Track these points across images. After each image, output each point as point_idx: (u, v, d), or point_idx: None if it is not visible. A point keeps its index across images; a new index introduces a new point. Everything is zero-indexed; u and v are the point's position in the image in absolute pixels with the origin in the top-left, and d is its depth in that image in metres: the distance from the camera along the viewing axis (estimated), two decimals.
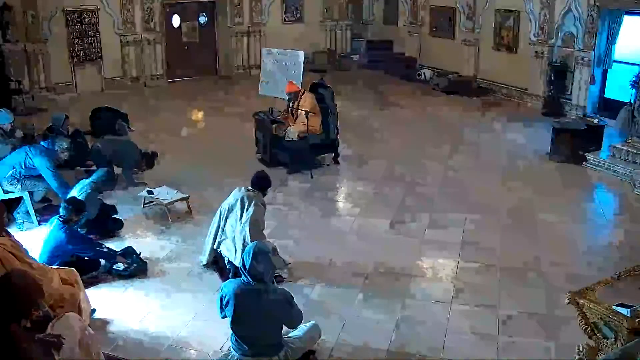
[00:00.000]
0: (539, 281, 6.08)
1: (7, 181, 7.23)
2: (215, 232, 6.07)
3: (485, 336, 5.19)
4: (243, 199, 5.91)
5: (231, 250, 5.89)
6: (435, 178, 8.90)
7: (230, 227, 5.95)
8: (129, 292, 5.89)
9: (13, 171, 7.20)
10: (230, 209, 5.96)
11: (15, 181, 7.24)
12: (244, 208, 5.87)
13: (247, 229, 5.75)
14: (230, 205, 5.99)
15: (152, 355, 4.95)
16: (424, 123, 11.88)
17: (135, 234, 7.09)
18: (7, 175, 7.20)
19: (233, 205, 5.96)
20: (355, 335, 5.20)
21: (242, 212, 5.87)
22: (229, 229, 5.96)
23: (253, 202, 5.89)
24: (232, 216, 5.94)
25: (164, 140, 10.72)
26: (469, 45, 14.72)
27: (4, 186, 7.25)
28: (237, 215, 5.89)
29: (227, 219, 5.98)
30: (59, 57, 13.73)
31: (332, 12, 17.45)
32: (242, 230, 5.79)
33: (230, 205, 5.99)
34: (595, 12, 11.49)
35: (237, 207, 5.91)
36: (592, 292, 4.09)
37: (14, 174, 7.20)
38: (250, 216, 5.80)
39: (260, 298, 4.32)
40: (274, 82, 10.73)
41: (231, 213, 5.95)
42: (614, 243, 6.95)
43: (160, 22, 14.98)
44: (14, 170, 7.20)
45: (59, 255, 5.83)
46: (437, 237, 7.04)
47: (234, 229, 5.90)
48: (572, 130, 9.61)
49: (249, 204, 5.87)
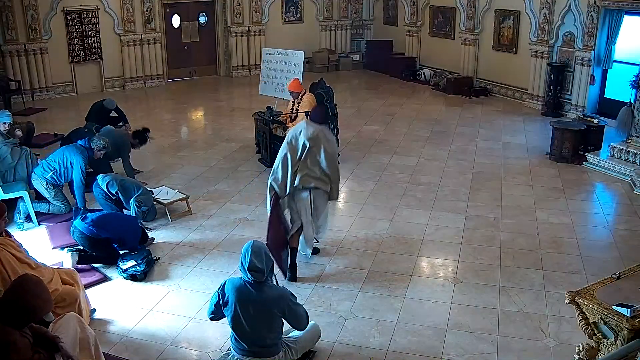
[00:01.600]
0: (538, 280, 6.08)
1: (46, 182, 7.36)
2: (291, 169, 6.03)
3: (485, 336, 5.19)
4: (317, 135, 6.02)
5: (311, 183, 6.06)
6: (435, 178, 8.90)
7: (307, 163, 6.04)
8: (129, 292, 5.90)
9: (54, 172, 7.34)
10: (304, 145, 6.00)
11: (51, 187, 7.40)
12: (320, 143, 6.01)
13: (326, 162, 6.00)
14: (303, 141, 6.02)
15: (152, 355, 4.95)
16: (423, 123, 11.88)
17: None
18: (48, 176, 7.35)
19: (306, 142, 6.00)
20: (355, 335, 5.20)
21: (319, 147, 6.01)
22: (306, 164, 6.04)
23: (325, 136, 6.11)
24: (307, 152, 6.01)
25: (164, 140, 10.74)
26: (468, 45, 14.72)
27: (38, 187, 7.39)
28: (313, 151, 6.02)
29: (302, 155, 6.03)
30: (59, 57, 13.75)
31: (332, 12, 17.46)
32: (322, 163, 6.00)
33: (303, 141, 6.01)
34: (595, 12, 11.50)
35: (310, 143, 6.00)
36: (592, 292, 4.08)
37: (55, 175, 7.34)
38: (327, 150, 6.02)
39: (261, 295, 4.32)
40: (274, 82, 10.74)
41: (306, 149, 6.00)
42: (614, 243, 6.96)
43: (160, 22, 14.99)
44: (56, 172, 7.34)
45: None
46: (437, 237, 7.05)
47: (312, 163, 6.03)
48: (572, 130, 9.61)
49: (323, 139, 6.06)
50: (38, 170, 7.44)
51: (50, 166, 7.39)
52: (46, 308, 3.76)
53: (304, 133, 6.03)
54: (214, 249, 6.74)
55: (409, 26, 16.56)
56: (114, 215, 6.82)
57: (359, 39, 18.17)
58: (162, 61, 15.27)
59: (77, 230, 6.26)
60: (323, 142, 6.02)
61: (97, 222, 6.24)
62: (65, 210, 7.47)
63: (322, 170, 6.05)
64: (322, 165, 6.03)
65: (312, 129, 6.06)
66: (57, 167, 7.37)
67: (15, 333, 3.61)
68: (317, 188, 6.08)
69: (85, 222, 6.22)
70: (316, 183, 6.06)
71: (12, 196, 7.25)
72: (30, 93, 13.39)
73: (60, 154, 7.48)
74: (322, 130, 6.14)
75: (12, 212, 7.24)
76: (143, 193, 7.25)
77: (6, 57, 13.06)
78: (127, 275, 6.07)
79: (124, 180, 7.37)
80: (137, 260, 6.18)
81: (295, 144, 6.05)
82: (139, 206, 7.11)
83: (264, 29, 16.34)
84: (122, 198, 7.15)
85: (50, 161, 7.44)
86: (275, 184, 6.05)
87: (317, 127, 6.10)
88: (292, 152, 6.02)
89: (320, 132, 6.08)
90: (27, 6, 13.10)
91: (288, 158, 6.03)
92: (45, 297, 3.76)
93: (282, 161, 6.05)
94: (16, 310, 3.62)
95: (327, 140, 6.10)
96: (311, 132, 6.02)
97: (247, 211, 7.72)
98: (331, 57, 17.19)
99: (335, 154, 6.25)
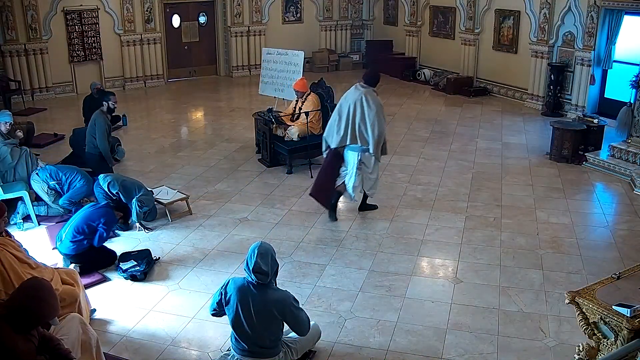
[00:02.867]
0: (538, 280, 6.08)
1: (47, 187, 7.43)
2: (344, 128, 6.97)
3: (485, 336, 5.19)
4: (366, 97, 6.90)
5: (365, 140, 6.94)
6: (435, 178, 8.90)
7: (357, 122, 6.90)
8: (130, 292, 5.90)
9: (58, 182, 7.45)
10: (355, 107, 6.90)
11: (52, 192, 7.46)
12: (368, 104, 6.87)
13: (375, 122, 6.85)
14: (354, 102, 6.92)
15: (152, 355, 4.95)
16: (423, 123, 11.88)
17: (135, 234, 7.10)
18: (52, 183, 7.43)
19: (356, 102, 6.90)
20: (355, 335, 5.20)
21: (366, 107, 6.87)
22: (354, 124, 6.91)
23: (369, 98, 6.90)
24: (358, 113, 6.89)
25: (164, 140, 10.74)
26: (468, 45, 14.72)
27: (37, 190, 7.44)
28: (363, 111, 6.87)
29: (354, 115, 6.91)
30: (59, 57, 13.75)
31: (332, 12, 17.46)
32: (371, 120, 6.85)
33: (354, 102, 6.92)
34: (595, 12, 11.50)
35: (360, 103, 6.89)
36: (592, 292, 4.08)
37: (59, 185, 7.45)
38: (376, 110, 6.88)
39: (263, 297, 4.32)
40: (274, 82, 10.74)
41: (357, 110, 6.89)
42: (614, 243, 6.96)
43: (160, 22, 14.99)
44: (60, 183, 7.45)
45: (82, 231, 6.17)
46: (437, 237, 7.05)
47: (362, 122, 6.88)
48: (572, 130, 9.61)
49: (373, 101, 6.90)
50: (43, 174, 7.45)
51: (58, 176, 7.47)
52: (53, 314, 3.76)
53: (351, 95, 6.96)
54: (213, 249, 6.74)
55: (409, 26, 16.56)
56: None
57: (359, 39, 18.17)
58: (162, 61, 15.27)
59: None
60: (366, 104, 6.86)
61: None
62: (64, 212, 7.49)
63: (366, 130, 6.87)
64: (366, 125, 6.85)
65: (358, 92, 6.95)
66: (64, 181, 7.46)
67: (19, 338, 3.61)
68: (362, 146, 6.98)
69: None
70: (362, 142, 6.95)
71: (12, 196, 7.26)
72: (30, 93, 13.40)
73: (73, 172, 7.57)
74: (368, 93, 6.95)
75: (12, 212, 7.24)
76: (144, 193, 7.25)
77: (6, 57, 13.06)
78: (127, 275, 6.08)
79: (125, 180, 7.37)
80: (137, 260, 6.19)
81: (344, 104, 7.02)
82: (140, 206, 7.11)
83: (264, 29, 16.34)
84: (123, 198, 7.15)
85: (60, 172, 7.51)
86: (328, 139, 7.18)
87: (364, 89, 6.96)
88: (341, 112, 7.01)
89: (365, 94, 6.91)
90: (27, 6, 13.11)
91: (338, 116, 7.03)
92: (54, 304, 3.75)
93: (334, 118, 7.09)
94: (25, 315, 3.61)
95: (370, 102, 6.87)
96: (357, 95, 6.93)
97: (247, 211, 7.72)
98: (331, 57, 17.19)
99: (379, 116, 6.92)
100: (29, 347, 3.65)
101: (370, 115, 6.84)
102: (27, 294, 3.67)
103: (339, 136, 7.01)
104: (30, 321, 3.64)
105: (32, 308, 3.61)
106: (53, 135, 10.67)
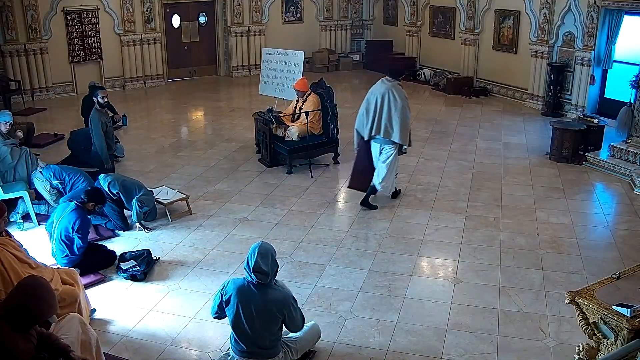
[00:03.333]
0: (538, 280, 6.08)
1: (50, 185, 7.43)
2: (371, 120, 7.35)
3: (485, 336, 5.20)
4: (391, 90, 7.27)
5: (391, 132, 7.33)
6: (435, 178, 8.90)
7: (384, 114, 7.26)
8: (130, 292, 5.90)
9: (61, 182, 7.45)
10: (382, 100, 7.25)
11: (54, 191, 7.46)
12: (394, 97, 7.23)
13: (401, 113, 7.22)
14: (381, 95, 7.27)
15: (152, 355, 4.95)
16: (423, 123, 11.87)
17: (135, 234, 7.10)
18: (55, 183, 7.43)
19: (384, 95, 7.26)
20: (355, 335, 5.20)
21: (392, 100, 7.22)
22: (381, 116, 7.27)
23: (394, 92, 7.25)
24: (385, 105, 7.25)
25: (164, 140, 10.74)
26: (468, 45, 14.72)
27: (39, 188, 7.44)
28: (390, 103, 7.23)
29: (380, 108, 7.26)
30: (59, 57, 13.75)
31: (332, 12, 17.46)
32: (398, 112, 7.21)
33: (381, 95, 7.27)
34: (595, 12, 11.50)
35: (387, 96, 7.25)
36: (592, 292, 4.09)
37: (61, 185, 7.45)
38: (401, 102, 7.25)
39: (263, 297, 4.32)
40: (274, 82, 10.74)
41: (384, 103, 7.25)
42: (614, 243, 6.96)
43: (160, 22, 14.99)
44: (63, 182, 7.45)
45: (65, 245, 6.08)
46: (437, 237, 7.05)
47: (388, 114, 7.25)
48: (572, 130, 9.61)
49: (398, 94, 7.27)
50: (46, 173, 7.46)
51: (61, 176, 7.48)
52: (52, 312, 3.75)
53: (378, 89, 7.31)
54: (213, 249, 6.74)
55: (409, 26, 16.55)
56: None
57: (359, 39, 18.16)
58: (162, 61, 15.27)
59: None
60: (391, 97, 7.20)
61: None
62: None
63: (390, 123, 7.23)
64: (391, 118, 7.21)
65: (385, 85, 7.30)
66: (67, 181, 7.47)
67: (19, 337, 3.60)
68: (384, 138, 7.35)
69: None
70: (384, 134, 7.31)
71: (12, 196, 7.26)
72: (30, 93, 13.39)
73: (77, 174, 7.58)
74: (393, 86, 7.29)
75: (12, 210, 7.24)
76: (145, 193, 7.25)
77: (6, 57, 13.06)
78: (127, 275, 6.08)
79: (126, 180, 7.37)
80: (137, 260, 6.19)
81: (371, 97, 7.37)
82: (140, 206, 7.11)
83: (264, 29, 16.33)
84: (124, 198, 7.15)
85: (64, 172, 7.53)
86: (359, 130, 7.59)
87: (390, 83, 7.30)
88: (369, 104, 7.38)
89: (391, 88, 7.26)
90: (27, 6, 13.10)
91: (365, 109, 7.42)
92: (52, 302, 3.74)
93: (362, 111, 7.49)
94: (23, 313, 3.60)
95: (397, 95, 7.23)
96: (383, 88, 7.29)
97: (247, 211, 7.72)
98: (331, 57, 17.19)
99: (404, 107, 7.28)
100: (29, 346, 3.65)
101: (397, 107, 7.21)
102: (24, 292, 3.66)
103: (368, 128, 7.43)
104: (28, 320, 3.63)
105: (30, 306, 3.60)
106: (53, 135, 10.67)
